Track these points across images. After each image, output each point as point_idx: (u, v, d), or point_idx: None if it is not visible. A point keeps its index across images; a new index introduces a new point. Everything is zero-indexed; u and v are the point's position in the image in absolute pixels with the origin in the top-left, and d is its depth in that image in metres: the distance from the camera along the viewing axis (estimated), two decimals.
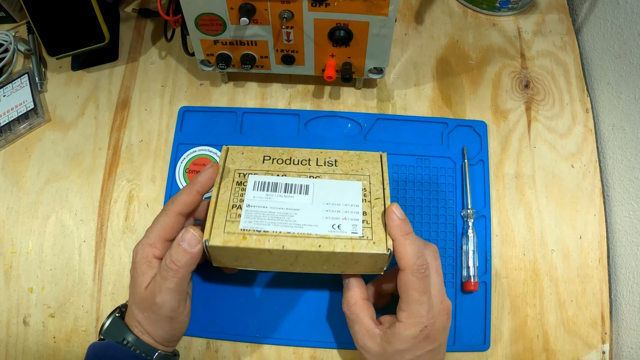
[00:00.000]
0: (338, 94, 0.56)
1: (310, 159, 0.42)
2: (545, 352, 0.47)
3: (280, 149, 0.43)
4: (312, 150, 0.43)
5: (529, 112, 0.55)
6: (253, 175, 0.41)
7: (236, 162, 0.42)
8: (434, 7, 0.60)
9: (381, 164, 0.42)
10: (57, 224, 0.51)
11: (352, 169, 0.42)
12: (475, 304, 0.47)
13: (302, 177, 0.41)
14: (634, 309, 0.46)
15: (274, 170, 0.41)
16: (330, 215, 0.39)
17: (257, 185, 0.40)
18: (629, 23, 0.50)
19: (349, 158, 0.43)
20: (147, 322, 0.39)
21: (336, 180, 0.41)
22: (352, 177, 0.41)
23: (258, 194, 0.40)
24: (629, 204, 0.49)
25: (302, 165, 0.42)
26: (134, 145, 0.54)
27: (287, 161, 0.42)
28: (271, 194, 0.40)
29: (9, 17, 0.59)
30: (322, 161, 0.42)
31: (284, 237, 0.37)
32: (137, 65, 0.58)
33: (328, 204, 0.39)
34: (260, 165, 0.41)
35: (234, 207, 0.39)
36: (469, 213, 0.49)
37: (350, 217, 0.39)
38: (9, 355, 0.47)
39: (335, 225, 0.38)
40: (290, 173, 0.41)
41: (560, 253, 0.49)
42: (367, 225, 0.39)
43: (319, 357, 0.46)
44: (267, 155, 0.42)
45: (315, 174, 0.41)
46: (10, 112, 0.54)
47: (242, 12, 0.43)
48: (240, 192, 0.40)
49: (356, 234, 0.38)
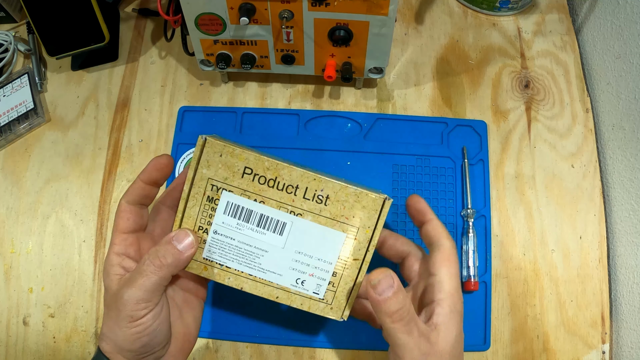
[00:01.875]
0: (338, 94, 0.56)
1: (298, 185, 0.35)
2: (545, 352, 0.47)
3: (267, 161, 0.34)
4: (304, 172, 0.34)
5: (529, 112, 0.55)
6: (227, 192, 0.35)
7: (211, 167, 0.35)
8: (434, 7, 0.60)
9: (379, 216, 0.35)
10: (57, 224, 0.51)
11: (341, 214, 0.35)
12: (475, 304, 0.47)
13: (282, 209, 0.35)
14: (634, 309, 0.46)
15: (252, 192, 0.35)
16: (298, 268, 0.36)
17: (230, 209, 0.35)
18: (629, 23, 0.50)
19: (344, 197, 0.35)
20: (109, 325, 0.33)
21: (318, 225, 0.35)
22: (338, 225, 0.35)
23: (228, 220, 0.35)
24: (629, 204, 0.49)
25: (287, 193, 0.35)
26: (134, 145, 0.54)
27: (270, 182, 0.35)
28: (242, 225, 0.35)
29: (9, 17, 0.59)
30: (311, 193, 0.35)
31: (244, 278, 0.36)
32: (137, 65, 0.58)
33: (299, 254, 0.35)
34: (238, 180, 0.35)
35: (200, 229, 0.35)
36: (469, 213, 0.49)
37: (318, 274, 0.36)
38: (9, 355, 0.47)
39: (299, 280, 0.36)
40: (270, 201, 0.35)
41: (560, 253, 0.49)
42: (332, 288, 0.36)
43: (319, 357, 0.46)
44: (249, 167, 0.35)
45: (298, 210, 0.35)
46: (10, 112, 0.54)
47: (242, 12, 0.43)
48: (210, 212, 0.35)
49: (317, 294, 0.36)
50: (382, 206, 0.35)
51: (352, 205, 0.35)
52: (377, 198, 0.35)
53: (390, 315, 0.32)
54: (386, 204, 0.35)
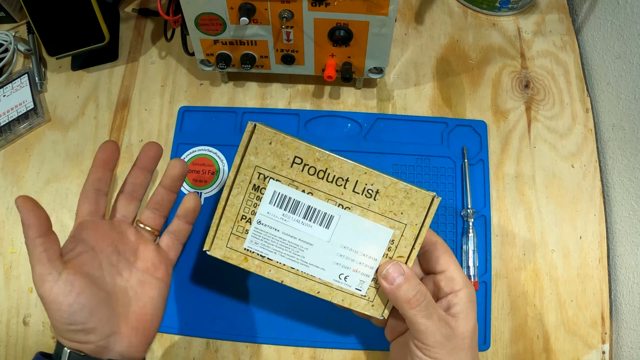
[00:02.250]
0: (338, 94, 0.56)
1: (349, 178, 0.34)
2: (545, 352, 0.47)
3: (318, 152, 0.34)
4: (355, 165, 0.34)
5: (529, 112, 0.55)
6: (275, 182, 0.34)
7: (259, 155, 0.34)
8: (434, 7, 0.60)
9: (427, 213, 0.35)
10: (57, 224, 0.51)
11: (390, 210, 0.34)
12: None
13: (330, 202, 0.34)
14: (634, 309, 0.46)
15: (300, 183, 0.34)
16: (342, 263, 0.35)
17: (276, 199, 0.34)
18: (629, 23, 0.50)
19: (394, 192, 0.34)
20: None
21: (366, 220, 0.35)
22: (386, 220, 0.35)
23: (274, 210, 0.34)
24: (629, 204, 0.49)
25: (337, 185, 0.34)
26: (134, 145, 0.54)
27: (320, 173, 0.34)
28: (288, 216, 0.34)
29: (9, 17, 0.59)
30: (361, 187, 0.34)
31: (286, 271, 0.35)
32: (137, 65, 0.58)
33: (344, 248, 0.35)
34: (287, 170, 0.34)
35: (242, 218, 0.35)
36: (469, 213, 0.49)
37: (361, 270, 0.35)
38: (9, 355, 0.47)
39: (343, 275, 0.35)
40: (319, 193, 0.34)
41: (560, 253, 0.49)
42: (375, 285, 0.36)
43: (319, 357, 0.46)
44: (299, 156, 0.34)
45: (347, 203, 0.34)
46: (10, 112, 0.54)
47: (242, 12, 0.43)
48: (255, 201, 0.34)
49: (360, 291, 0.36)
50: (430, 203, 0.35)
51: (402, 202, 0.34)
52: (427, 195, 0.34)
53: (408, 302, 0.33)
54: (435, 201, 0.35)
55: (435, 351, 0.33)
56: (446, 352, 0.33)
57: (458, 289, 0.35)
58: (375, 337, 0.46)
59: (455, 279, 0.35)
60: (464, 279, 0.35)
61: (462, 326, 0.34)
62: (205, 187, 0.51)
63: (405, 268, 0.34)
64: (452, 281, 0.35)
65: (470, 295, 0.35)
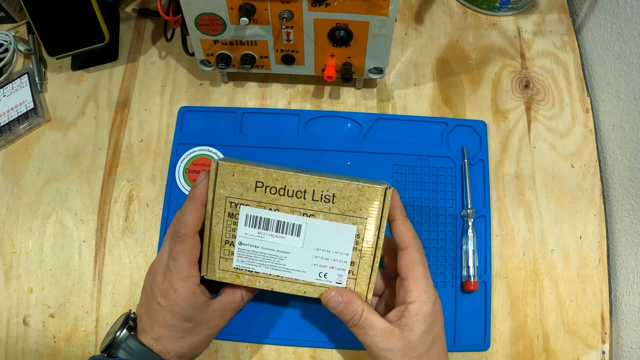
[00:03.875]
0: (338, 94, 0.56)
1: (306, 190, 0.38)
2: (545, 352, 0.47)
3: (275, 173, 0.38)
4: (309, 177, 0.38)
5: (529, 112, 0.55)
6: (245, 206, 0.39)
7: (227, 187, 0.38)
8: (434, 7, 0.60)
9: (382, 204, 0.38)
10: (57, 224, 0.51)
11: (349, 209, 0.38)
12: (475, 304, 0.47)
13: (295, 213, 0.38)
14: (634, 309, 0.46)
15: (266, 203, 0.38)
16: (319, 263, 0.39)
17: (249, 221, 0.39)
18: (629, 23, 0.50)
19: (348, 193, 0.38)
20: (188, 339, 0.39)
21: (330, 222, 0.38)
22: (347, 219, 0.38)
23: (250, 230, 0.39)
24: (629, 204, 0.49)
25: (297, 198, 0.38)
26: (134, 145, 0.54)
27: (280, 191, 0.38)
28: (263, 232, 0.39)
29: (9, 17, 0.59)
30: (318, 195, 0.38)
31: (273, 280, 0.40)
32: (137, 65, 0.58)
33: (318, 250, 0.39)
34: (252, 194, 0.38)
35: (226, 242, 0.39)
36: (469, 213, 0.49)
37: (338, 266, 0.39)
38: (9, 355, 0.47)
39: (322, 273, 0.39)
40: (283, 208, 0.38)
41: (560, 253, 0.49)
42: (352, 276, 0.39)
43: (319, 357, 0.46)
44: (260, 181, 0.38)
45: (310, 211, 0.38)
46: (10, 112, 0.54)
47: (242, 12, 0.43)
48: (232, 227, 0.39)
49: (340, 284, 0.39)
50: (384, 196, 0.38)
51: (357, 199, 0.38)
52: (380, 189, 0.38)
53: (347, 322, 0.39)
54: (388, 192, 0.38)
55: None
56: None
57: (409, 302, 0.37)
58: None
59: (410, 291, 0.37)
60: (420, 290, 0.37)
61: (404, 338, 0.37)
62: None
63: (345, 295, 0.38)
64: (407, 293, 0.37)
65: (419, 309, 0.37)
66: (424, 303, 0.37)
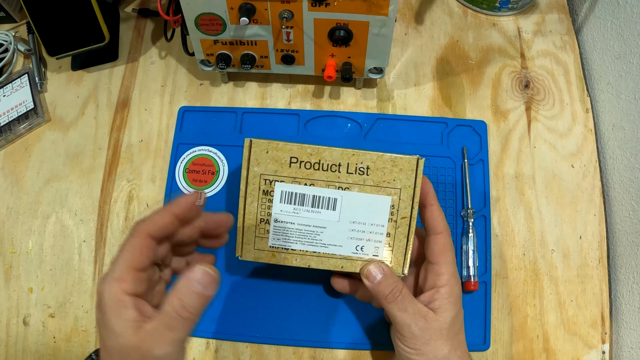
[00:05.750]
0: (338, 94, 0.56)
1: (340, 163, 0.39)
2: (545, 352, 0.47)
3: (309, 148, 0.39)
4: (343, 151, 0.39)
5: (529, 112, 0.55)
6: (279, 183, 0.39)
7: (261, 164, 0.39)
8: (434, 7, 0.60)
9: (415, 174, 0.39)
10: (57, 224, 0.51)
11: (383, 180, 0.39)
12: (475, 304, 0.47)
13: (330, 187, 0.39)
14: (634, 309, 0.46)
15: (301, 178, 0.39)
16: (355, 236, 0.39)
17: (284, 197, 0.39)
18: (629, 23, 0.50)
19: (382, 164, 0.39)
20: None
21: (365, 194, 0.39)
22: (382, 190, 0.39)
23: (285, 207, 0.39)
24: (629, 204, 0.49)
25: (332, 172, 0.39)
26: (134, 145, 0.54)
27: (315, 165, 0.39)
28: (298, 208, 0.39)
29: (9, 17, 0.59)
30: (353, 167, 0.39)
31: (309, 257, 0.40)
32: (137, 65, 0.58)
33: (354, 223, 0.39)
34: (287, 170, 0.39)
35: (262, 221, 0.39)
36: (469, 213, 0.49)
37: (374, 238, 0.39)
38: (9, 355, 0.47)
39: (359, 247, 0.39)
40: (319, 182, 0.39)
41: (560, 253, 0.49)
42: (389, 247, 0.39)
43: (319, 357, 0.46)
44: (294, 156, 0.39)
45: (345, 184, 0.39)
46: (10, 112, 0.54)
47: (242, 12, 0.43)
48: (267, 204, 0.39)
49: (377, 256, 0.39)
50: (417, 165, 0.39)
51: (391, 170, 0.39)
52: (411, 159, 0.39)
53: (385, 297, 0.37)
54: (420, 162, 0.39)
55: (412, 342, 0.37)
56: (422, 343, 0.36)
57: (440, 286, 0.38)
58: (375, 337, 0.46)
59: (441, 275, 0.38)
60: (450, 274, 0.38)
61: (439, 319, 0.37)
62: (206, 187, 0.51)
63: (385, 268, 0.38)
64: (438, 277, 0.38)
65: (451, 291, 0.38)
66: (454, 286, 0.38)
